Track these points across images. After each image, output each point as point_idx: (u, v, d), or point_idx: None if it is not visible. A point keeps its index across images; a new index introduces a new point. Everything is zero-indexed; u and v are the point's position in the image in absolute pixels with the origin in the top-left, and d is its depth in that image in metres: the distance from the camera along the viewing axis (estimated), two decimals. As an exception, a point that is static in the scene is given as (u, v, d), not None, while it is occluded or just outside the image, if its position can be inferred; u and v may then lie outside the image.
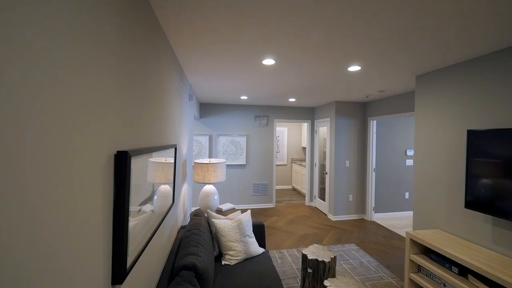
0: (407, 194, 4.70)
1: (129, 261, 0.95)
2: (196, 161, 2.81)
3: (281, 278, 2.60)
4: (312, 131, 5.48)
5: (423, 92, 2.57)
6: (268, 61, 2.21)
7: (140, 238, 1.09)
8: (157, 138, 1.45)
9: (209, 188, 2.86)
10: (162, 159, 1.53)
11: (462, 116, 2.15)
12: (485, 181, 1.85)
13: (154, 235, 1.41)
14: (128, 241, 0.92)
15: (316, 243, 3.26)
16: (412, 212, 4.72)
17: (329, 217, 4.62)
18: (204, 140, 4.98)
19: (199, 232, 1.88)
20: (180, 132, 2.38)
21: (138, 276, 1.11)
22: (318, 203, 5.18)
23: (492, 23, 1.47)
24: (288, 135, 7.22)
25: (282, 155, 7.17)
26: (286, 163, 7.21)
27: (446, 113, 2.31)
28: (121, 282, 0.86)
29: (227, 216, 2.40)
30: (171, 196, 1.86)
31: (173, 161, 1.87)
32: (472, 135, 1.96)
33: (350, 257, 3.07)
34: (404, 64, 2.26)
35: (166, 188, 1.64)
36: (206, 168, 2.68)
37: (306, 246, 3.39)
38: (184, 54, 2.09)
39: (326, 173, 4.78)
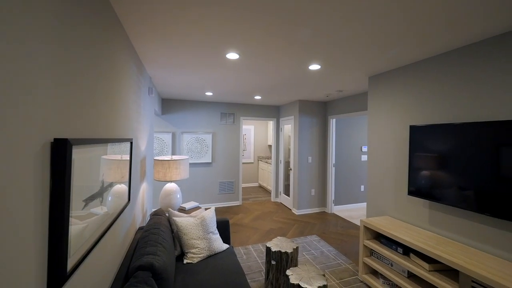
0: (362, 187, 5.12)
1: (71, 263, 0.85)
2: (156, 158, 2.65)
3: (246, 273, 2.61)
4: (278, 129, 5.62)
5: (375, 91, 2.82)
6: (232, 55, 2.19)
7: (87, 238, 0.98)
8: (110, 130, 1.33)
9: (171, 186, 2.72)
10: (118, 156, 1.40)
11: (407, 113, 2.42)
12: (423, 172, 2.10)
13: (106, 236, 1.29)
14: (68, 241, 0.82)
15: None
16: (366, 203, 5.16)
17: (293, 211, 4.79)
18: (167, 137, 4.74)
19: (158, 231, 1.78)
20: (138, 127, 2.23)
21: (83, 281, 1.00)
22: (283, 198, 5.33)
23: (424, 36, 1.68)
24: (255, 133, 7.29)
25: (249, 153, 7.21)
26: (252, 161, 7.27)
27: (393, 111, 2.57)
28: (59, 287, 0.76)
29: (190, 214, 2.32)
30: (126, 194, 1.72)
31: (128, 156, 1.73)
32: (413, 130, 2.21)
33: (312, 247, 3.23)
34: (358, 65, 2.45)
35: (120, 185, 1.51)
36: (168, 165, 2.55)
37: (271, 240, 3.46)
38: (142, 45, 1.95)
39: (291, 169, 4.95)
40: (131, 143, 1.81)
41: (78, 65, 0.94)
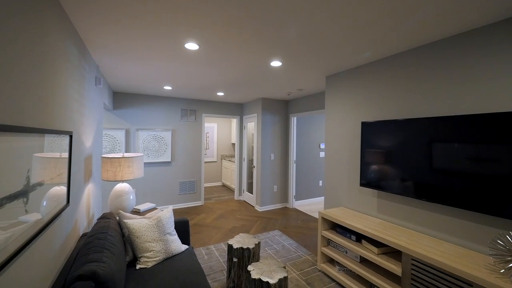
0: (320, 182, 5.41)
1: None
2: (104, 155, 2.38)
3: (207, 273, 2.51)
4: (241, 127, 5.59)
5: (331, 90, 2.99)
6: (192, 45, 2.08)
7: (3, 248, 0.81)
8: (40, 119, 1.12)
9: (122, 186, 2.47)
10: (56, 154, 1.19)
11: (360, 110, 2.61)
12: (373, 165, 2.29)
13: (35, 244, 1.09)
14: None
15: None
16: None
17: (256, 208, 4.82)
18: (119, 134, 4.32)
19: (105, 236, 1.59)
20: (81, 120, 1.96)
21: (-1, 299, 0.82)
22: (246, 196, 5.33)
23: (372, 42, 1.83)
24: (218, 131, 7.14)
25: (211, 151, 7.03)
26: (216, 160, 7.11)
27: (348, 109, 2.75)
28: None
29: (144, 216, 2.13)
30: (65, 195, 1.49)
31: (67, 150, 1.50)
32: (364, 126, 2.40)
33: (274, 242, 3.28)
34: (316, 64, 2.55)
35: (56, 185, 1.30)
36: (118, 163, 2.31)
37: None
38: (85, 27, 1.72)
39: (254, 167, 4.97)
40: (71, 136, 1.58)
41: (-12, 33, 0.76)
